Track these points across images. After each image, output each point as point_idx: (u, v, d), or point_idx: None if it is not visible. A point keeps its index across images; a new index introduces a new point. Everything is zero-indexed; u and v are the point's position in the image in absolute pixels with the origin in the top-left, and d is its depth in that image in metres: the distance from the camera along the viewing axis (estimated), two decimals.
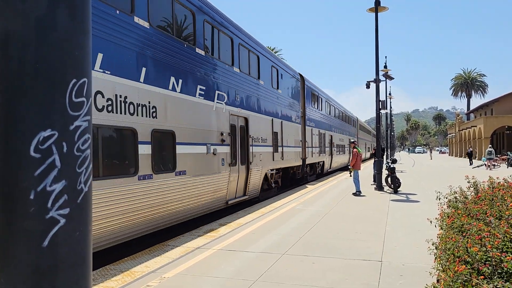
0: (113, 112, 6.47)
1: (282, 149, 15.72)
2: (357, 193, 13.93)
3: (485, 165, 31.08)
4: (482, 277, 2.95)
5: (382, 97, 22.86)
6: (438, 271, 3.92)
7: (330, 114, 27.58)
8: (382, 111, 28.41)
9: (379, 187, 15.58)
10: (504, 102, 53.18)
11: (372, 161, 23.23)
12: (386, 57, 36.03)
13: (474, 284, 2.87)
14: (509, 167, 32.02)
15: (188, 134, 8.87)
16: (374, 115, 17.80)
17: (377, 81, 16.92)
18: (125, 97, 6.77)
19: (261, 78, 13.77)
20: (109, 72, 6.40)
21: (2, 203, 1.21)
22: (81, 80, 1.30)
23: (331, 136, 26.96)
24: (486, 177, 7.04)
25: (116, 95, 6.54)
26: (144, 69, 7.34)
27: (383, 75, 28.45)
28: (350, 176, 14.93)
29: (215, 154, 10.04)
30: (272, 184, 15.04)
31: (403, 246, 6.82)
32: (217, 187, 10.13)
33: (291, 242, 7.20)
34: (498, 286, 2.80)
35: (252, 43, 13.23)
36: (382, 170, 16.12)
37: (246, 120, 12.15)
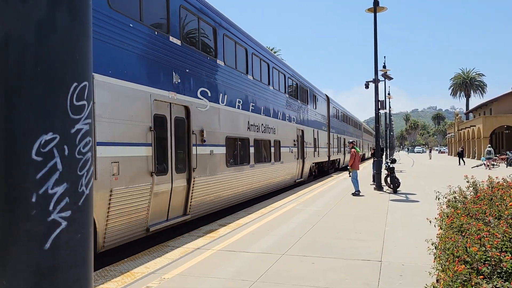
0: (264, 133, 13.98)
1: (318, 149, 23.03)
2: (356, 193, 13.94)
3: (484, 164, 31.12)
4: (482, 276, 2.95)
5: (381, 97, 22.95)
6: (437, 271, 3.93)
7: (344, 121, 35.34)
8: (381, 111, 28.46)
9: (379, 187, 15.59)
10: (503, 102, 53.18)
11: (372, 160, 23.60)
12: (385, 57, 36.18)
13: (473, 284, 2.88)
14: (508, 167, 32.04)
15: (284, 141, 16.22)
16: (374, 115, 17.88)
17: (376, 81, 16.93)
18: (268, 125, 14.35)
19: (308, 103, 21.35)
20: (256, 113, 13.23)
21: (4, 206, 1.21)
22: (82, 83, 1.30)
23: (345, 138, 33.55)
24: (485, 176, 7.04)
25: (266, 125, 14.22)
26: (272, 110, 14.86)
27: (382, 75, 28.47)
28: (349, 176, 14.95)
29: (292, 152, 17.39)
30: (313, 173, 22.42)
31: (402, 246, 6.83)
32: (292, 171, 17.58)
33: (291, 242, 7.21)
34: (497, 286, 2.80)
35: (306, 82, 21.22)
36: (382, 170, 16.13)
37: (302, 131, 19.53)
